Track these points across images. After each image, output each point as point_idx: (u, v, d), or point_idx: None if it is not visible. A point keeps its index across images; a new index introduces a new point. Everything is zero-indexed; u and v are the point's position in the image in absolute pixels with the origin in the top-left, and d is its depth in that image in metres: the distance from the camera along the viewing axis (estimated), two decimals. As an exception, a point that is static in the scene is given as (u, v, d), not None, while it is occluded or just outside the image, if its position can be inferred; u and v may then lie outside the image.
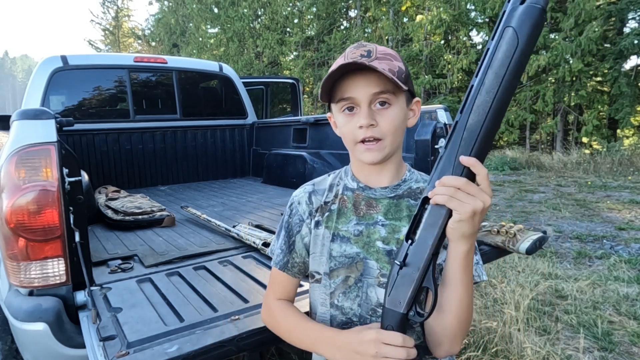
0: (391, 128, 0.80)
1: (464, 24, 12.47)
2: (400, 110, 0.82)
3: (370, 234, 0.85)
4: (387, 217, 0.85)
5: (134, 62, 3.43)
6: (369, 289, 0.85)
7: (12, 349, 1.52)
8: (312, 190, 0.96)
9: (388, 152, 0.82)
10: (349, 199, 0.89)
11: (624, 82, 10.27)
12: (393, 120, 0.80)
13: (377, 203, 0.87)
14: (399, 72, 0.79)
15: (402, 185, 0.88)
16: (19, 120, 1.27)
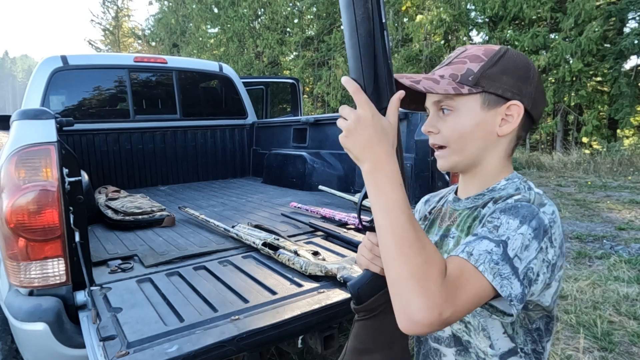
0: (453, 135, 0.76)
1: (464, 24, 12.47)
2: (469, 115, 0.75)
3: (442, 246, 0.82)
4: (458, 229, 0.81)
5: (134, 62, 3.43)
6: None
7: (12, 349, 1.52)
8: (427, 199, 0.97)
9: (458, 160, 0.77)
10: (443, 210, 0.88)
11: (624, 82, 10.27)
12: (455, 126, 0.76)
13: (457, 215, 0.83)
14: (464, 75, 0.74)
15: (486, 194, 0.79)
16: (19, 120, 1.27)
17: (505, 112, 0.75)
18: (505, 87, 0.74)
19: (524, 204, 0.68)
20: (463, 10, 12.32)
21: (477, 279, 0.60)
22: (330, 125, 3.11)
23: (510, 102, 0.74)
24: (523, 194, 0.72)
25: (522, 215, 0.65)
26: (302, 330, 1.20)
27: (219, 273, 1.48)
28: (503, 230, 0.64)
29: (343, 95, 14.69)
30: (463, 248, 0.64)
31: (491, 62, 0.75)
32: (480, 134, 0.76)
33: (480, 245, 0.63)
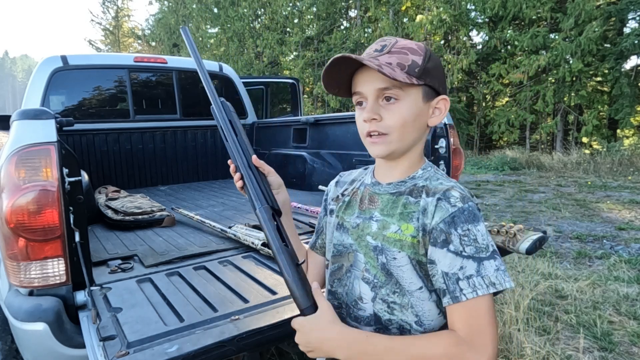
0: (397, 123, 0.79)
1: (464, 24, 12.47)
2: (411, 105, 0.79)
3: (364, 228, 0.86)
4: (382, 213, 0.84)
5: (134, 62, 3.43)
6: (354, 281, 0.87)
7: (12, 349, 1.52)
8: (338, 180, 1.01)
9: (395, 148, 0.81)
10: (360, 193, 0.91)
11: (625, 83, 10.27)
12: (399, 115, 0.78)
13: (379, 198, 0.86)
14: (410, 66, 0.77)
15: (408, 182, 0.84)
16: (19, 120, 1.27)
17: (436, 105, 0.82)
18: (437, 82, 0.81)
19: (471, 204, 0.76)
20: (463, 10, 12.32)
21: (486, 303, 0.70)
22: (330, 125, 3.11)
23: (441, 97, 0.82)
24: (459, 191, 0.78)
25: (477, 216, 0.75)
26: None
27: (219, 273, 1.48)
28: (481, 240, 0.72)
29: (343, 95, 14.65)
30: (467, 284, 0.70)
31: (427, 57, 0.79)
32: (418, 124, 0.81)
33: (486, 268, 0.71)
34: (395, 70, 0.76)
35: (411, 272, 0.79)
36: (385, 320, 0.82)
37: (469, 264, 0.71)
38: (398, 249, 0.79)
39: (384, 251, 0.81)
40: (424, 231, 0.77)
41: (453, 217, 0.74)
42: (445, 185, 0.80)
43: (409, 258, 0.78)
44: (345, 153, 2.90)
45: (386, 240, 0.81)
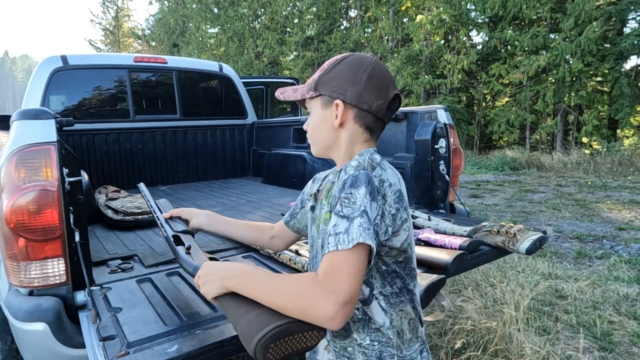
0: (309, 130, 0.99)
1: (464, 24, 12.47)
2: (316, 114, 0.96)
3: (320, 217, 0.96)
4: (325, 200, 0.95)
5: (134, 62, 3.43)
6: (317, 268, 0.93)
7: (12, 349, 1.52)
8: (315, 178, 1.14)
9: (317, 150, 0.99)
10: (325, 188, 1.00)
11: (624, 83, 10.27)
12: (310, 123, 0.98)
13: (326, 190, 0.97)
14: (311, 82, 0.95)
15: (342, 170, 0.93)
16: (19, 120, 1.27)
17: (335, 109, 0.92)
18: (332, 89, 0.92)
19: (362, 172, 0.81)
20: (463, 10, 12.32)
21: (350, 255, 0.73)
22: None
23: (335, 102, 0.92)
24: (358, 162, 0.87)
25: (363, 182, 0.79)
26: (302, 330, 1.20)
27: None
28: (359, 202, 0.77)
29: (343, 95, 14.66)
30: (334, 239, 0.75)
31: (327, 70, 0.94)
32: (324, 128, 0.95)
33: (354, 226, 0.74)
34: (297, 90, 0.98)
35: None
36: None
37: (342, 223, 0.76)
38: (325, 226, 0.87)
39: (322, 232, 0.91)
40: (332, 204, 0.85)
41: (344, 184, 0.81)
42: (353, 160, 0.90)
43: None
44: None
45: (322, 222, 0.91)
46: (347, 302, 0.70)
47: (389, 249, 0.84)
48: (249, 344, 0.73)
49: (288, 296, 0.74)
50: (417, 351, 0.91)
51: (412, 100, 13.49)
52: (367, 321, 0.87)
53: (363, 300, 0.87)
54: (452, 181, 2.21)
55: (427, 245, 1.68)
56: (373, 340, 0.87)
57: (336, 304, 0.69)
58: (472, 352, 2.22)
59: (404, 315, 0.89)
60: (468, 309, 2.58)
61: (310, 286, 0.73)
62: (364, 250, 0.74)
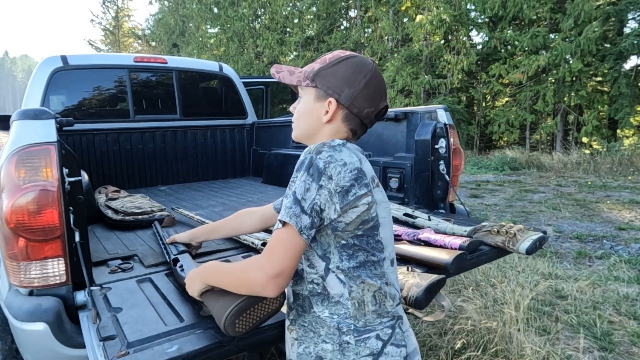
0: (295, 115, 1.02)
1: (464, 24, 12.47)
2: (306, 103, 0.99)
3: None
4: None
5: (134, 62, 3.43)
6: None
7: (12, 349, 1.52)
8: None
9: (297, 135, 1.03)
10: None
11: (624, 83, 10.27)
12: (298, 109, 1.01)
13: None
14: (309, 71, 0.97)
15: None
16: (19, 120, 1.27)
17: (327, 106, 0.95)
18: (329, 86, 0.94)
19: (307, 156, 0.87)
20: (463, 10, 12.32)
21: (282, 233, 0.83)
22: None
23: (329, 99, 0.94)
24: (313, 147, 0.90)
25: (305, 166, 0.85)
26: (302, 330, 1.20)
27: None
28: (297, 184, 0.85)
29: (343, 95, 14.65)
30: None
31: (329, 65, 0.95)
32: (310, 118, 0.98)
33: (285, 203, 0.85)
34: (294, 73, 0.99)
35: None
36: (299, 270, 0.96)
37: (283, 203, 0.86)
38: None
39: None
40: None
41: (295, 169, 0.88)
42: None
43: None
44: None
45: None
46: (276, 274, 0.81)
47: (345, 224, 0.87)
48: (220, 325, 0.92)
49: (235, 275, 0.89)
50: (386, 325, 0.91)
51: (412, 100, 13.49)
52: (326, 295, 0.90)
53: (321, 275, 0.91)
54: (452, 181, 2.21)
55: (427, 245, 1.68)
56: (332, 313, 0.90)
57: (266, 275, 0.81)
58: (472, 352, 2.22)
59: (367, 287, 0.90)
60: (468, 309, 2.58)
61: (250, 263, 0.86)
62: (293, 229, 0.82)
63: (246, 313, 0.93)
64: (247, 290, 0.87)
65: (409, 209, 2.08)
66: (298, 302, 0.95)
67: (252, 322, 0.95)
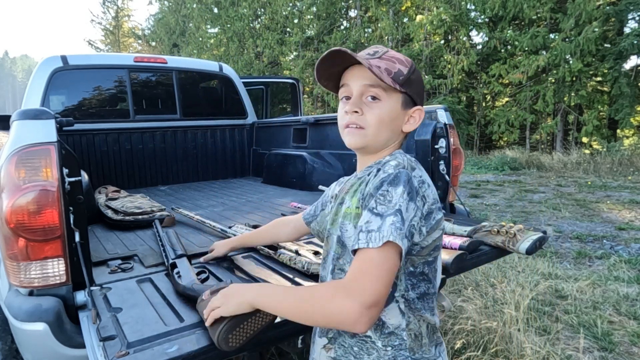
0: (375, 120, 0.86)
1: (464, 24, 12.47)
2: (390, 108, 0.87)
3: (338, 212, 0.93)
4: (348, 196, 0.92)
5: (134, 62, 3.43)
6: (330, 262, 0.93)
7: (12, 349, 1.52)
8: (339, 180, 1.11)
9: (369, 142, 0.88)
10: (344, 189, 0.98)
11: (624, 83, 10.27)
12: (379, 114, 0.86)
13: (349, 184, 0.95)
14: (396, 73, 0.85)
15: (373, 166, 0.89)
16: (19, 120, 1.27)
17: (412, 114, 0.90)
18: (417, 94, 0.89)
19: (402, 171, 0.79)
20: (463, 10, 12.31)
21: (378, 255, 0.71)
22: (331, 125, 3.11)
23: (417, 107, 0.90)
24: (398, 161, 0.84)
25: (403, 182, 0.77)
26: (302, 330, 1.20)
27: (219, 273, 1.48)
28: (395, 200, 0.75)
29: (343, 95, 14.66)
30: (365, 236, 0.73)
31: (411, 69, 0.88)
32: (392, 127, 0.88)
33: (386, 224, 0.72)
34: (382, 73, 0.84)
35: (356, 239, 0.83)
36: None
37: (374, 220, 0.74)
38: (349, 221, 0.86)
39: (340, 226, 0.89)
40: (363, 199, 0.83)
41: (382, 182, 0.78)
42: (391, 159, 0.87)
43: (354, 227, 0.84)
44: (345, 153, 2.90)
45: (342, 217, 0.89)
46: (372, 304, 0.67)
47: (421, 247, 0.82)
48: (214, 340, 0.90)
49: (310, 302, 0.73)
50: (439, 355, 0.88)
51: (412, 100, 13.47)
52: (380, 325, 0.83)
53: None
54: (452, 181, 2.21)
55: (427, 245, 1.68)
56: (386, 345, 0.83)
57: (360, 304, 0.67)
58: (472, 352, 2.22)
59: (423, 320, 0.85)
60: (468, 309, 2.58)
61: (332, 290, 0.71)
62: (394, 251, 0.71)
63: (240, 327, 0.90)
64: (328, 321, 0.72)
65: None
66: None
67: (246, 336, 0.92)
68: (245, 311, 0.86)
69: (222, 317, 0.90)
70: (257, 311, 0.87)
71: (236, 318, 0.89)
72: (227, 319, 0.89)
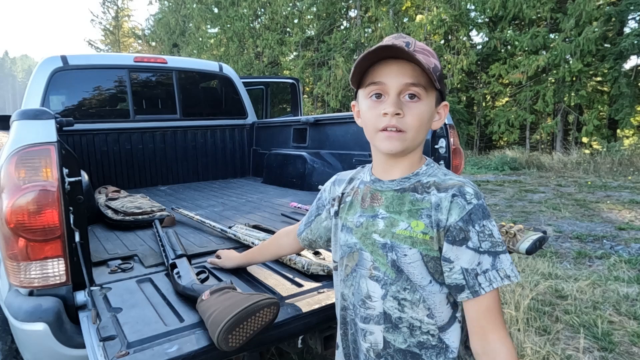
0: (416, 122, 0.78)
1: (464, 24, 12.47)
2: (428, 107, 0.80)
3: (369, 226, 0.85)
4: (388, 210, 0.83)
5: (134, 62, 3.43)
6: (361, 280, 0.86)
7: (12, 349, 1.52)
8: (336, 179, 1.02)
9: (408, 146, 0.80)
10: (360, 191, 0.91)
11: (624, 83, 10.27)
12: (420, 115, 0.78)
13: (382, 195, 0.85)
14: (434, 69, 0.78)
15: (412, 178, 0.84)
16: (19, 120, 1.27)
17: (439, 110, 0.84)
18: (445, 88, 0.84)
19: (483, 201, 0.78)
20: (463, 10, 12.31)
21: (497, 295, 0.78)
22: (330, 125, 3.11)
23: (444, 103, 0.85)
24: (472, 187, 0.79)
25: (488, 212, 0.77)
26: (302, 330, 1.20)
27: (219, 273, 1.48)
28: (496, 235, 0.76)
29: (343, 95, 14.69)
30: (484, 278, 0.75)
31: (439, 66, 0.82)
32: (428, 126, 0.82)
33: (502, 262, 0.76)
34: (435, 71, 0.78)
35: (422, 268, 0.80)
36: (395, 319, 0.83)
37: (485, 259, 0.74)
38: (409, 245, 0.79)
39: (394, 248, 0.80)
40: (438, 227, 0.77)
41: (470, 214, 0.75)
42: (457, 181, 0.80)
43: (421, 255, 0.79)
44: (345, 153, 2.90)
45: (396, 238, 0.80)
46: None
47: None
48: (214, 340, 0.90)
49: None
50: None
51: (412, 100, 13.48)
52: (444, 349, 0.81)
53: (440, 325, 0.81)
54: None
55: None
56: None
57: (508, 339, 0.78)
58: (472, 352, 2.22)
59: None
60: (468, 309, 2.58)
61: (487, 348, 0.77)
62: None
63: (239, 327, 0.91)
64: None
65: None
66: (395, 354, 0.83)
67: (245, 336, 0.93)
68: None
69: (222, 317, 0.89)
70: (257, 311, 0.86)
71: (237, 316, 0.89)
72: (227, 318, 0.89)
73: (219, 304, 0.97)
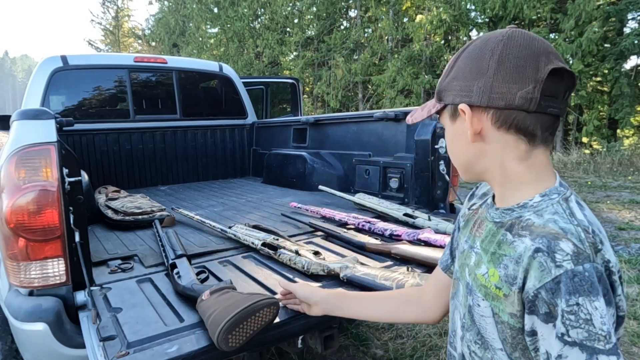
0: (448, 150, 0.77)
1: (464, 24, 12.47)
2: (449, 129, 0.74)
3: (466, 257, 0.75)
4: (481, 246, 0.71)
5: (134, 62, 3.43)
6: (455, 311, 0.78)
7: (12, 349, 1.52)
8: (472, 193, 0.88)
9: (462, 173, 0.76)
10: (479, 212, 0.79)
11: (624, 83, 10.27)
12: (447, 142, 0.77)
13: (485, 226, 0.73)
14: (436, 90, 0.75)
15: (515, 211, 0.67)
16: (18, 120, 1.27)
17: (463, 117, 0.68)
18: (454, 94, 0.68)
19: (588, 267, 0.55)
20: (463, 10, 12.31)
21: None
22: (330, 125, 3.11)
23: (459, 107, 0.67)
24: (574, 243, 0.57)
25: (595, 287, 0.54)
26: (302, 330, 1.20)
27: (219, 273, 1.48)
28: (598, 323, 0.53)
29: (343, 95, 14.68)
30: None
31: (447, 70, 0.71)
32: (459, 144, 0.72)
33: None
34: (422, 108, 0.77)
35: (493, 328, 0.65)
36: None
37: (572, 354, 0.53)
38: (482, 295, 0.67)
39: (472, 293, 0.70)
40: (511, 285, 0.61)
41: (558, 283, 0.55)
42: (556, 228, 0.59)
43: (492, 312, 0.65)
44: (346, 153, 2.90)
45: (475, 281, 0.69)
46: None
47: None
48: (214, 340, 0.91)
49: None
50: None
51: (412, 100, 13.49)
52: None
53: None
54: (452, 181, 2.21)
55: (427, 245, 1.68)
56: None
57: None
58: (472, 352, 2.22)
59: None
60: (468, 309, 2.58)
61: None
62: None
63: (239, 327, 0.91)
64: None
65: (409, 209, 2.08)
66: None
67: (245, 336, 0.93)
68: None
69: (222, 317, 0.89)
70: (257, 311, 0.87)
71: (237, 316, 0.89)
72: (227, 318, 0.89)
73: (219, 304, 0.97)
